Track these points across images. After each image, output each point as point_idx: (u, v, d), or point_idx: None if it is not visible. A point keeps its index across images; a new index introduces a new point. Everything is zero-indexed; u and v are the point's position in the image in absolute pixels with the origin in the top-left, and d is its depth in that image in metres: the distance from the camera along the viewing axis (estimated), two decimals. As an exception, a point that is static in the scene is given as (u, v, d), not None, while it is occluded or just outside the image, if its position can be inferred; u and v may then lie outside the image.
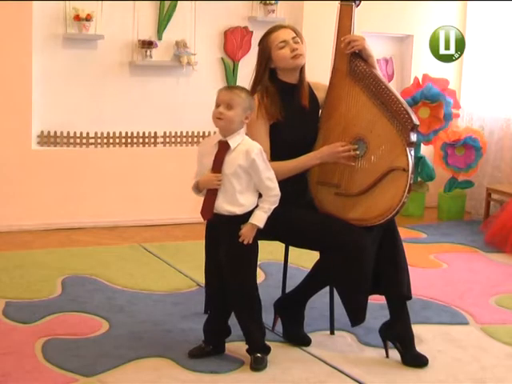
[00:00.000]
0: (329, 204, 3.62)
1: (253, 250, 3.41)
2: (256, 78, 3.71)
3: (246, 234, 3.34)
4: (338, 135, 3.62)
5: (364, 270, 3.48)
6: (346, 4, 3.70)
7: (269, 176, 3.37)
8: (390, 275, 3.53)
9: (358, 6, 3.73)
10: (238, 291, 3.41)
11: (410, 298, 3.58)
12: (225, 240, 3.39)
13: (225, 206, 3.35)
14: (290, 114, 3.65)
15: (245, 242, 3.34)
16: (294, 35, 3.68)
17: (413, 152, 3.49)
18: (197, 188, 3.44)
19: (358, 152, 3.55)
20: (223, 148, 3.37)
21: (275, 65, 3.67)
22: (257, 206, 3.37)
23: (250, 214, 3.36)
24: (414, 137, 3.49)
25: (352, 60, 3.64)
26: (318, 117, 3.75)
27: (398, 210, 3.46)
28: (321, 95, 3.76)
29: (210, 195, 3.38)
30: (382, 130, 3.51)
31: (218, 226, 3.40)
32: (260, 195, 3.40)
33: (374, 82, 3.57)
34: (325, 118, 3.71)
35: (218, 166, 3.36)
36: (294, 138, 3.64)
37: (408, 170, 3.43)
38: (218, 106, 3.39)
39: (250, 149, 3.35)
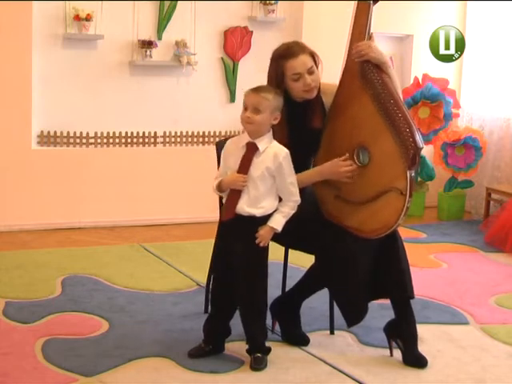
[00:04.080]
0: (329, 204, 3.61)
1: (266, 252, 3.41)
2: None
3: (264, 235, 3.33)
4: (343, 137, 3.56)
5: (356, 275, 3.47)
6: (363, 1, 3.59)
7: (292, 181, 3.37)
8: (393, 277, 3.52)
9: (375, 3, 3.62)
10: (247, 291, 3.40)
11: (412, 297, 3.57)
12: (240, 241, 3.37)
13: (245, 207, 3.34)
14: (297, 135, 3.55)
15: (261, 244, 3.33)
16: (311, 64, 3.53)
17: (413, 173, 3.43)
18: (219, 188, 3.42)
19: (359, 164, 3.49)
20: (251, 150, 3.35)
21: (287, 88, 3.55)
22: (275, 210, 3.37)
23: (267, 217, 3.35)
24: (415, 160, 3.39)
25: (364, 62, 3.54)
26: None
27: (393, 230, 3.47)
28: (328, 100, 3.65)
29: (233, 196, 3.36)
30: (386, 145, 3.43)
31: (234, 226, 3.38)
32: (280, 199, 3.39)
33: (383, 93, 3.46)
34: (332, 117, 3.62)
35: (245, 167, 3.34)
36: (299, 161, 3.51)
37: (406, 195, 3.39)
38: (245, 109, 3.34)
39: (278, 152, 3.34)
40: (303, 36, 6.19)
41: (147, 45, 5.83)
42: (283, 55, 3.54)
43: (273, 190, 3.37)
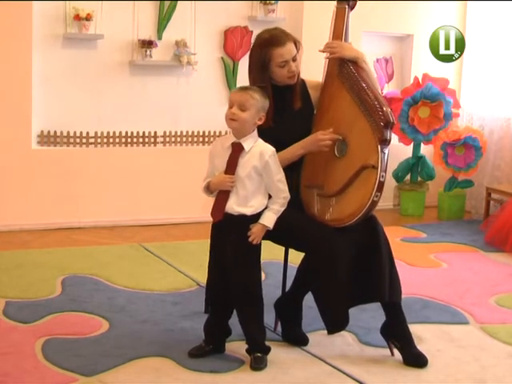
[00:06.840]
0: (312, 206, 3.62)
1: (258, 250, 3.42)
2: (253, 81, 3.63)
3: (256, 233, 3.34)
4: None
5: (336, 276, 3.46)
6: (340, 6, 3.72)
7: (280, 178, 3.38)
8: (371, 282, 3.48)
9: (352, 8, 3.74)
10: (242, 290, 3.40)
11: (392, 302, 3.52)
12: (232, 240, 3.38)
13: (235, 207, 3.36)
14: (280, 117, 3.62)
15: (254, 242, 3.34)
16: (295, 52, 3.63)
17: (386, 150, 3.44)
18: (208, 189, 3.43)
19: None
20: (237, 150, 3.36)
21: (271, 74, 3.63)
22: (266, 208, 3.38)
23: (257, 215, 3.36)
24: (387, 134, 3.44)
25: (342, 61, 3.65)
26: (311, 116, 3.73)
27: (368, 209, 3.42)
28: (315, 94, 3.75)
29: (222, 196, 3.38)
30: (360, 129, 3.50)
31: (225, 225, 3.39)
32: (270, 196, 3.40)
33: (357, 81, 3.57)
34: (317, 120, 3.70)
35: (231, 167, 3.35)
36: (283, 141, 3.58)
37: (377, 167, 3.39)
38: (231, 106, 3.35)
39: (263, 151, 3.35)
40: (303, 36, 6.20)
41: (147, 44, 5.83)
42: (270, 42, 3.61)
43: (261, 188, 3.39)
